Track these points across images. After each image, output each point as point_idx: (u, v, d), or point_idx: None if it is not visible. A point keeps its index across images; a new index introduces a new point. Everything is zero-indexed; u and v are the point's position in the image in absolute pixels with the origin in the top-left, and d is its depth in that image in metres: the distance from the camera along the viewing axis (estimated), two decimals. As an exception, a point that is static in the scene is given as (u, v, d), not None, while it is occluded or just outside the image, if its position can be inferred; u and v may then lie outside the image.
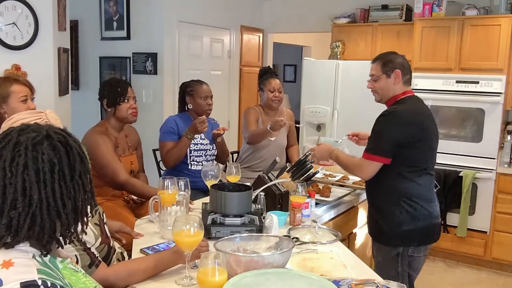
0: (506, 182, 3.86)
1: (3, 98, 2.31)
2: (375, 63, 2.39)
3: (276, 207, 2.28)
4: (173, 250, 1.61)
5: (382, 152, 2.21)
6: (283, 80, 6.71)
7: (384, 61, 2.34)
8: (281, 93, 3.37)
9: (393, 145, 2.19)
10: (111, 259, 1.78)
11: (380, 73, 2.34)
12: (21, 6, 2.87)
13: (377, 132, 2.26)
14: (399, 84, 2.32)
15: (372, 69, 2.39)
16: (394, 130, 2.21)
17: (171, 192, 2.06)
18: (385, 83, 2.33)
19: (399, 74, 2.30)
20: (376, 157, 2.21)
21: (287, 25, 5.51)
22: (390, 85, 2.32)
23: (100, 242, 1.69)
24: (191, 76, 3.98)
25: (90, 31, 4.74)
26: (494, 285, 3.80)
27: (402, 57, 2.38)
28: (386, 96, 2.36)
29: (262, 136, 3.29)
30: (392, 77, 2.31)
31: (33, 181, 1.00)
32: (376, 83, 2.36)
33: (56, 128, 1.09)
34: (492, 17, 3.93)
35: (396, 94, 2.32)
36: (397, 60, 2.33)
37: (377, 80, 2.35)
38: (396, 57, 2.35)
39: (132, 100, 2.72)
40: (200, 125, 2.87)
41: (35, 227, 1.00)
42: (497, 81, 3.83)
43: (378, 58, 2.40)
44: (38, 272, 0.97)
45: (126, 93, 2.68)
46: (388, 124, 2.23)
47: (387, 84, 2.33)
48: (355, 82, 4.33)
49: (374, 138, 2.27)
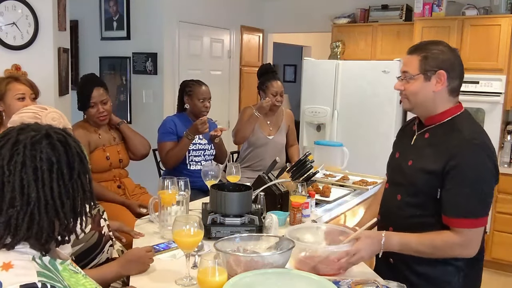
0: (506, 182, 3.85)
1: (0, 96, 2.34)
2: (412, 54, 1.66)
3: (276, 207, 2.28)
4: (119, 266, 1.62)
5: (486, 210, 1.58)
6: (283, 80, 6.72)
7: (425, 55, 1.63)
8: (282, 96, 3.38)
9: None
10: (103, 247, 1.79)
11: (417, 72, 1.63)
12: (21, 6, 2.87)
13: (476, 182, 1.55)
14: (442, 92, 1.63)
15: (406, 63, 1.68)
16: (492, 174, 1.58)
17: (171, 192, 2.06)
18: (421, 87, 1.64)
19: (444, 78, 1.61)
20: (482, 220, 1.56)
21: (287, 25, 5.51)
22: (428, 92, 1.63)
23: (89, 229, 1.71)
24: (191, 76, 3.98)
25: (90, 31, 4.74)
26: (494, 285, 3.80)
27: (454, 52, 1.65)
28: (422, 107, 1.68)
29: (249, 124, 3.29)
30: (433, 80, 1.62)
31: (31, 180, 0.99)
32: (409, 84, 1.66)
33: (56, 127, 1.09)
34: (492, 17, 3.94)
35: (443, 111, 1.65)
36: (445, 56, 1.62)
37: (409, 80, 1.66)
38: (444, 51, 1.63)
39: (99, 105, 2.71)
40: (201, 126, 2.87)
41: (34, 226, 1.00)
42: (497, 81, 3.83)
43: (418, 48, 1.67)
44: (38, 274, 0.97)
45: (89, 98, 2.69)
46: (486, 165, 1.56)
47: (424, 90, 1.64)
48: (355, 82, 4.34)
49: (472, 191, 1.54)
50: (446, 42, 1.69)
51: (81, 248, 1.70)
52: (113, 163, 2.78)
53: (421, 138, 1.72)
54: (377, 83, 4.21)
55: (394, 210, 1.76)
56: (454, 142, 1.58)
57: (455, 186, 1.55)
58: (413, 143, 1.74)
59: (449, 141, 1.60)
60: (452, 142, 1.59)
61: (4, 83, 2.36)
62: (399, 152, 1.82)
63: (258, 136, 3.36)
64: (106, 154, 2.74)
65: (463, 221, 1.55)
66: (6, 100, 2.33)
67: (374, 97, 4.24)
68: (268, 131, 3.42)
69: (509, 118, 4.24)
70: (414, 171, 1.67)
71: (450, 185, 1.56)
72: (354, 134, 4.32)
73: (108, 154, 2.75)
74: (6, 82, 2.37)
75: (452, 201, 1.57)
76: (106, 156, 2.74)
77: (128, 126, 2.95)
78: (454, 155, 1.55)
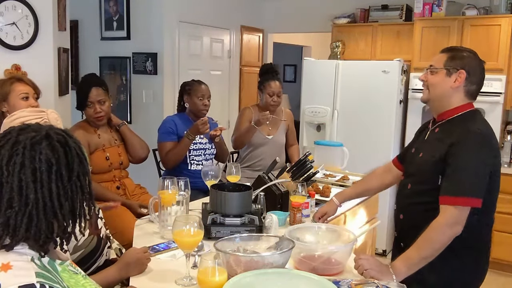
0: (506, 182, 3.85)
1: (4, 97, 2.36)
2: (442, 53, 1.87)
3: (276, 207, 2.28)
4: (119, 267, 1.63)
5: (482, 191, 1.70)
6: (283, 80, 6.71)
7: (452, 55, 1.82)
8: (280, 97, 3.36)
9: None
10: (102, 251, 1.79)
11: (441, 66, 1.82)
12: (21, 6, 2.87)
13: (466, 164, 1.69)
14: (459, 91, 1.80)
15: (435, 59, 1.88)
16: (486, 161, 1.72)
17: (171, 192, 2.06)
18: (442, 81, 1.81)
19: (463, 77, 1.78)
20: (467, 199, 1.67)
21: (287, 25, 5.51)
22: (446, 87, 1.80)
23: (88, 234, 1.71)
24: (191, 76, 3.98)
25: (90, 31, 4.74)
26: (494, 285, 3.80)
27: (479, 62, 1.84)
28: (437, 100, 1.85)
29: (247, 134, 3.29)
30: (453, 77, 1.79)
31: (29, 181, 0.99)
32: (431, 76, 1.85)
33: (57, 128, 1.09)
34: (492, 17, 3.94)
35: (455, 107, 1.82)
36: (470, 61, 1.80)
37: (433, 73, 1.84)
38: (471, 57, 1.82)
39: (96, 105, 2.71)
40: (202, 126, 2.87)
41: (32, 227, 1.00)
42: (497, 81, 3.83)
43: (449, 49, 1.88)
44: (37, 275, 0.97)
45: (87, 98, 2.69)
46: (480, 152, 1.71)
47: (443, 83, 1.81)
48: (355, 82, 4.33)
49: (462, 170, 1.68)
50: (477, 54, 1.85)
51: (81, 254, 1.69)
52: (113, 164, 2.77)
53: (432, 133, 1.89)
54: (377, 83, 4.20)
55: (404, 198, 1.92)
56: (458, 131, 1.74)
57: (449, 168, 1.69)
58: (426, 138, 1.91)
59: (455, 131, 1.76)
60: (457, 131, 1.75)
61: (8, 84, 2.39)
62: (415, 148, 1.98)
63: (258, 136, 3.36)
64: (106, 154, 2.74)
65: (446, 198, 1.66)
66: (10, 100, 2.35)
67: (374, 97, 4.24)
68: (267, 131, 3.42)
69: (509, 118, 4.24)
70: (423, 161, 1.84)
71: (448, 169, 1.70)
72: (354, 134, 4.32)
73: (108, 155, 2.75)
74: (10, 83, 2.39)
75: (444, 181, 1.70)
76: (106, 157, 2.74)
77: (128, 128, 2.94)
78: (455, 142, 1.70)
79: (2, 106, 2.37)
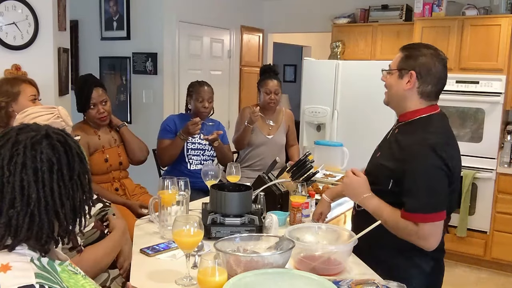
0: (506, 182, 3.85)
1: (13, 97, 2.35)
2: (399, 52, 1.78)
3: (276, 207, 2.29)
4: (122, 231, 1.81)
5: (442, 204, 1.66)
6: (283, 80, 6.71)
7: (406, 54, 1.74)
8: (277, 95, 3.36)
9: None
10: None
11: (395, 67, 1.76)
12: (21, 6, 2.87)
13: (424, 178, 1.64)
14: (412, 92, 1.72)
15: (394, 58, 1.81)
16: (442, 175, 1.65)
17: (171, 192, 2.06)
18: (395, 83, 1.76)
19: (413, 79, 1.70)
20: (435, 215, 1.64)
21: (287, 25, 5.51)
22: (400, 89, 1.74)
23: (92, 227, 1.76)
24: (191, 76, 3.99)
25: (90, 31, 4.74)
26: (494, 285, 3.80)
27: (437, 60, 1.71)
28: (394, 102, 1.80)
29: (245, 135, 3.30)
30: (405, 78, 1.72)
31: (31, 180, 0.99)
32: (388, 77, 1.80)
33: (55, 128, 1.09)
34: (492, 17, 3.94)
35: (413, 110, 1.75)
36: (424, 60, 1.70)
37: (389, 74, 1.79)
38: (426, 56, 1.70)
39: (99, 105, 2.71)
40: (192, 127, 2.88)
41: (34, 227, 1.00)
42: (497, 81, 3.83)
43: (408, 47, 1.78)
44: (36, 276, 0.97)
45: (89, 99, 2.68)
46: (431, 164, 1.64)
47: (396, 86, 1.75)
48: (355, 82, 4.34)
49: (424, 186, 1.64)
50: (441, 51, 1.76)
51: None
52: (113, 165, 2.77)
53: (393, 133, 1.86)
54: (377, 83, 4.18)
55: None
56: (409, 142, 1.70)
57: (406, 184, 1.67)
58: (387, 138, 1.90)
59: (407, 139, 1.72)
60: (408, 141, 1.70)
61: (17, 84, 2.38)
62: (378, 145, 1.99)
63: (258, 136, 3.36)
64: (105, 156, 2.74)
65: (416, 216, 1.65)
66: (20, 101, 2.34)
67: (374, 97, 4.21)
68: (267, 131, 3.42)
69: (509, 118, 4.24)
70: (378, 163, 1.85)
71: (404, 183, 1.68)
72: (354, 134, 4.32)
73: (107, 156, 2.74)
74: (19, 83, 2.39)
75: (406, 197, 1.68)
76: (105, 159, 2.73)
77: (128, 129, 2.93)
78: (406, 157, 1.67)
79: (9, 105, 2.34)
